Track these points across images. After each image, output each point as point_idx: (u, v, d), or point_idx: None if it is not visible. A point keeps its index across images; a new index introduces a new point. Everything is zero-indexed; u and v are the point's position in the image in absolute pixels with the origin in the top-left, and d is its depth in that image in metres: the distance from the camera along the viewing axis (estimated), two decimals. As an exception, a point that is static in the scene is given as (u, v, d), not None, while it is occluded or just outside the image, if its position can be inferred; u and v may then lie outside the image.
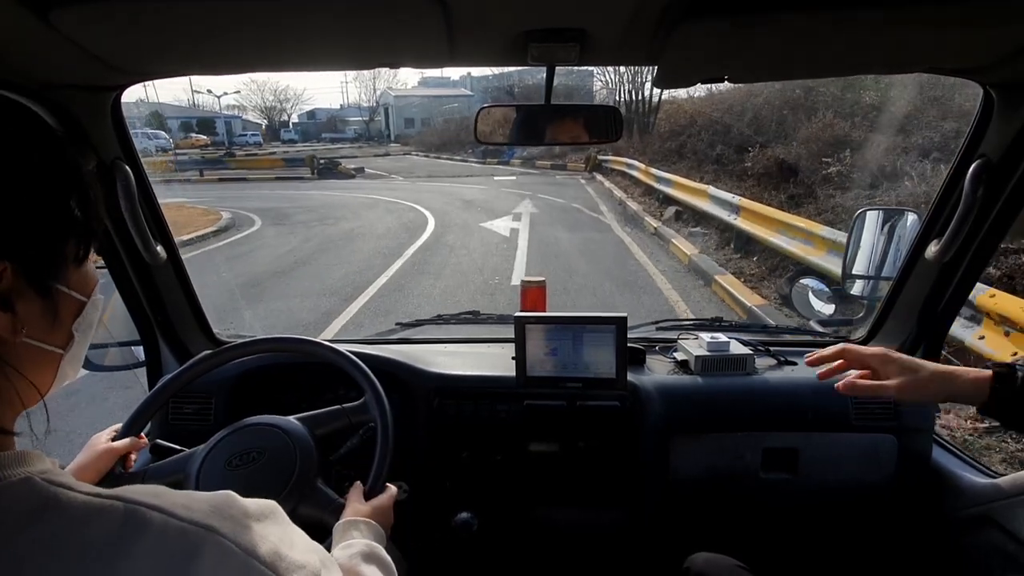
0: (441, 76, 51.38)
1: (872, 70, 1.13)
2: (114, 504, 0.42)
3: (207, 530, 0.43)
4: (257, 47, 0.84)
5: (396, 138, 44.19)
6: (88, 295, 0.52)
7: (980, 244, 1.18)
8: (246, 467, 0.91)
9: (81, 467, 0.92)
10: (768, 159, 9.14)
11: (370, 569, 0.71)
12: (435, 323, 1.68)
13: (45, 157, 0.47)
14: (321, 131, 53.80)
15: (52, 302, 0.48)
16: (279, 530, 0.49)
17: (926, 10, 0.69)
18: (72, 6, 0.64)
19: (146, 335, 1.39)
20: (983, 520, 1.16)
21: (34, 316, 0.46)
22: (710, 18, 0.69)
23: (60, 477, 0.43)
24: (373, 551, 0.75)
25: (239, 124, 51.19)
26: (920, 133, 7.45)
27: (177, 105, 50.19)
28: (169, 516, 0.42)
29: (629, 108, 19.43)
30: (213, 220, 10.87)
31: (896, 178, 6.76)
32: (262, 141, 44.36)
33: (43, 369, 0.50)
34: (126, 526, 0.41)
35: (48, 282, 0.47)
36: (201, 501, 0.46)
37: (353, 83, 56.20)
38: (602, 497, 1.37)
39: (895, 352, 0.91)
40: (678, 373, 1.41)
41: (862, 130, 8.32)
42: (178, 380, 1.07)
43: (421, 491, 1.30)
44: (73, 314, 0.51)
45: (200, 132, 44.19)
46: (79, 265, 0.50)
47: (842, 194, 7.25)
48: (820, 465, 1.32)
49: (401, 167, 24.73)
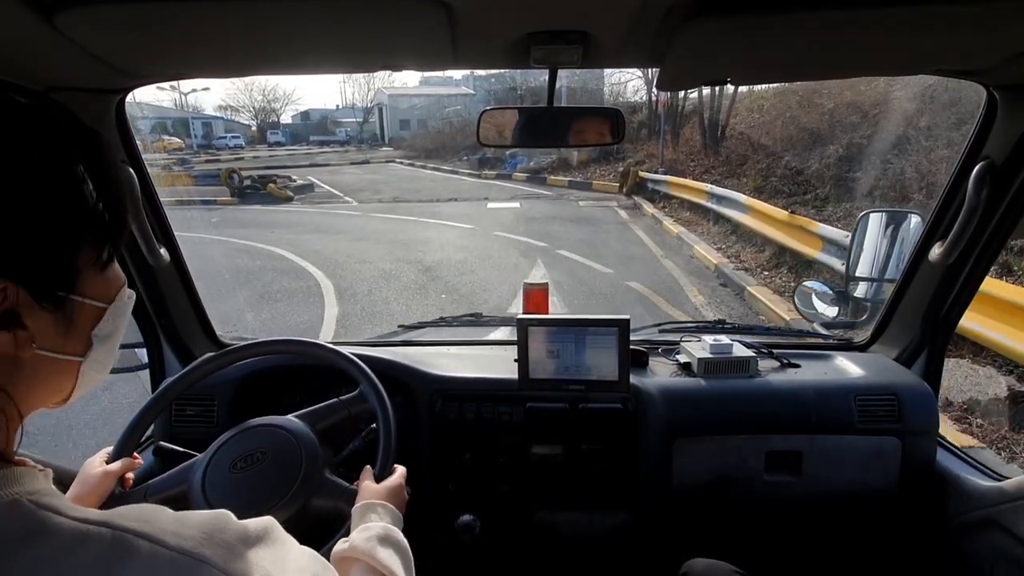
0: (443, 75, 47.12)
1: (876, 72, 1.17)
2: (101, 532, 0.40)
3: (197, 560, 0.41)
4: (262, 50, 0.84)
5: (390, 141, 40.85)
6: (110, 300, 0.49)
7: (984, 246, 1.18)
8: (252, 468, 0.91)
9: (79, 497, 0.87)
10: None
11: (387, 552, 0.73)
12: (437, 325, 1.68)
13: (47, 163, 0.43)
14: (311, 133, 50.53)
15: (66, 313, 0.45)
16: (271, 553, 0.46)
17: (931, 12, 0.68)
18: (77, 9, 0.65)
19: (149, 337, 1.41)
20: (988, 523, 1.16)
21: (46, 328, 0.44)
22: (713, 20, 0.68)
23: (50, 499, 0.41)
24: (390, 534, 0.77)
25: (220, 125, 47.99)
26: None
27: (156, 105, 47.03)
28: (158, 544, 0.41)
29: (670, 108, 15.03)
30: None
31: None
32: (244, 144, 41.40)
33: (61, 377, 0.48)
34: (112, 555, 0.39)
35: (59, 294, 0.44)
36: (192, 527, 0.43)
37: (349, 82, 53.37)
38: (605, 500, 1.37)
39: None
40: (681, 375, 1.41)
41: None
42: (181, 382, 1.08)
43: (423, 493, 1.30)
44: (92, 321, 0.48)
45: (176, 134, 40.68)
46: (100, 270, 0.48)
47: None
48: (824, 468, 1.31)
49: (370, 182, 18.41)
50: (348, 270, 7.06)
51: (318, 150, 38.05)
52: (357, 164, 25.91)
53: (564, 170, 17.19)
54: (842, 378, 1.36)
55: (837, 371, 1.40)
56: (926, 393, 1.31)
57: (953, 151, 6.34)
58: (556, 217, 10.81)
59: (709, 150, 12.59)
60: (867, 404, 1.29)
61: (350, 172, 22.13)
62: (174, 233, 1.33)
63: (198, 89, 45.10)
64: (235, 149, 37.52)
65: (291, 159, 28.54)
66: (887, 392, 1.30)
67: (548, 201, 13.23)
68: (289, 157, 30.45)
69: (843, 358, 1.45)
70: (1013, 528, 1.09)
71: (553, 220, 10.46)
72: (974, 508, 1.19)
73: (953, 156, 3.72)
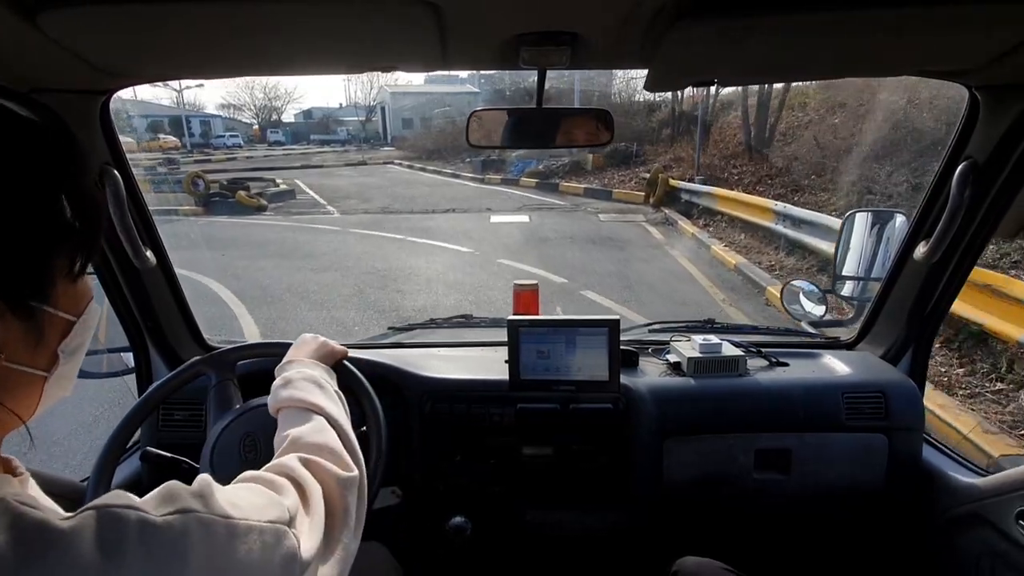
0: (447, 73, 45.80)
1: (860, 73, 1.14)
2: (87, 515, 0.41)
3: (184, 513, 0.44)
4: (247, 51, 0.84)
5: (392, 140, 39.60)
6: (79, 314, 0.48)
7: (967, 244, 1.19)
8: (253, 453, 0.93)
9: None
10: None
11: (305, 386, 0.81)
12: (427, 327, 1.66)
13: (25, 168, 0.43)
14: (313, 132, 49.50)
15: (36, 323, 0.44)
16: (221, 492, 0.49)
17: (914, 14, 0.69)
18: (60, 9, 0.64)
19: (135, 341, 1.39)
20: (974, 518, 1.17)
21: (15, 339, 0.43)
22: (700, 22, 0.69)
23: (29, 499, 0.42)
24: (302, 375, 0.83)
25: (220, 124, 47.17)
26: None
27: (154, 103, 46.24)
28: (143, 512, 0.43)
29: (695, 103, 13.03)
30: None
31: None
32: (242, 143, 40.16)
33: (26, 391, 0.46)
34: (108, 529, 0.41)
35: (30, 303, 0.43)
36: (154, 499, 0.45)
37: (353, 80, 52.10)
38: (596, 500, 1.37)
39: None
40: (671, 375, 1.41)
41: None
42: (168, 386, 1.07)
43: (414, 495, 1.33)
44: (60, 334, 0.47)
45: (173, 133, 39.60)
46: (72, 281, 0.47)
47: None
48: (812, 465, 1.32)
49: (361, 187, 16.27)
50: (294, 323, 5.15)
51: (317, 150, 37.02)
52: (352, 166, 24.43)
53: (577, 175, 15.19)
54: (830, 376, 1.38)
55: (825, 369, 1.42)
56: (912, 390, 1.33)
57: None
58: (574, 237, 8.86)
59: (755, 153, 10.60)
60: (854, 401, 1.31)
61: (343, 175, 20.42)
62: (160, 236, 1.31)
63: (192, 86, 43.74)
64: (232, 149, 36.36)
65: (286, 159, 27.33)
66: (874, 389, 1.32)
67: (562, 214, 11.27)
68: (285, 157, 29.22)
69: (831, 356, 1.46)
70: (998, 522, 1.10)
71: (571, 241, 8.54)
72: (960, 503, 1.21)
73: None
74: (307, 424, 0.72)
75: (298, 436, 0.69)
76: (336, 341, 1.00)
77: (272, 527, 0.49)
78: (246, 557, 0.46)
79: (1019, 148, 1.03)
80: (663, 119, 16.36)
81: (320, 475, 0.63)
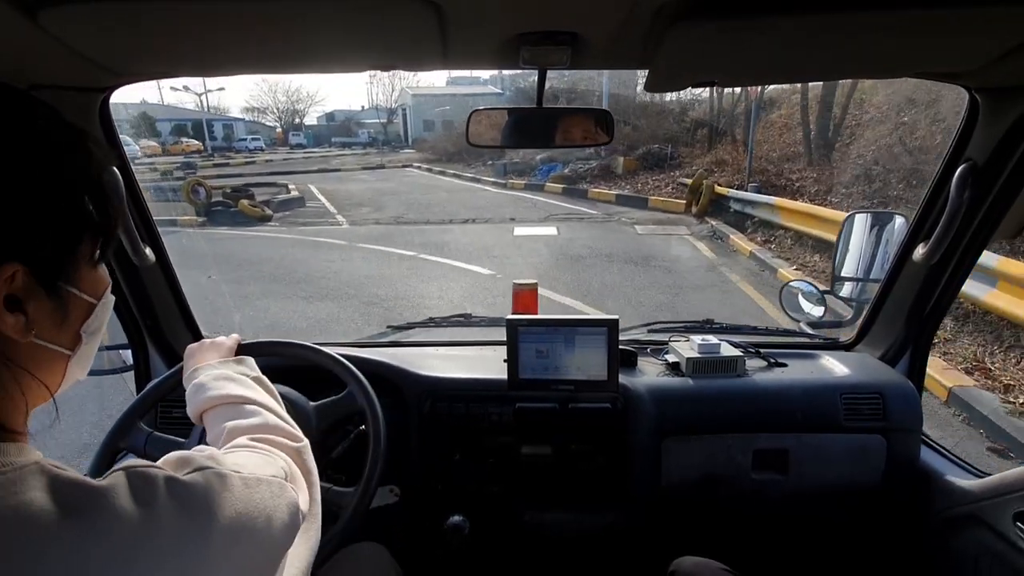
0: (470, 74, 46.13)
1: (860, 74, 1.14)
2: (118, 475, 0.43)
3: (202, 470, 0.48)
4: (246, 48, 0.83)
5: (413, 143, 38.87)
6: (99, 297, 0.52)
7: (966, 246, 1.19)
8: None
9: None
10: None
11: (222, 384, 0.81)
12: (426, 326, 1.66)
13: (58, 154, 0.46)
14: (334, 135, 49.28)
15: (62, 303, 0.48)
16: (225, 456, 0.54)
17: (914, 16, 0.68)
18: (61, 6, 0.64)
19: (134, 338, 1.39)
20: (971, 519, 1.17)
21: (44, 317, 0.46)
22: (701, 22, 0.69)
23: (59, 466, 0.44)
24: (217, 373, 0.84)
25: (242, 127, 47.48)
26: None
27: (177, 106, 46.99)
28: (168, 471, 0.46)
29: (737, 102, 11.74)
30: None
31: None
32: (264, 146, 39.98)
33: (52, 369, 0.50)
34: (139, 487, 0.43)
35: (59, 284, 0.47)
36: (174, 460, 0.49)
37: (374, 82, 51.34)
38: (594, 499, 1.37)
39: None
40: (669, 375, 1.40)
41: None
42: (166, 384, 1.08)
43: (412, 494, 1.33)
44: (82, 316, 0.50)
45: (196, 137, 40.19)
46: (93, 266, 0.50)
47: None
48: (810, 466, 1.32)
49: (376, 193, 15.10)
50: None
51: (338, 152, 36.64)
52: (370, 169, 23.45)
53: (607, 179, 14.00)
54: (828, 377, 1.38)
55: (823, 370, 1.42)
56: (910, 391, 1.33)
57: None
58: (609, 254, 7.59)
59: (816, 156, 9.30)
60: (853, 402, 1.31)
61: (359, 179, 19.30)
62: (159, 233, 1.31)
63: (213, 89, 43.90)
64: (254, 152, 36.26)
65: (305, 163, 26.75)
66: (872, 391, 1.32)
67: (593, 224, 10.06)
68: (304, 161, 28.45)
69: (829, 357, 1.46)
70: (994, 524, 1.10)
71: (606, 260, 7.28)
72: (957, 504, 1.21)
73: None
74: (237, 415, 0.75)
75: (234, 426, 0.72)
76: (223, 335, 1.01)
77: (276, 480, 0.55)
78: (262, 503, 0.50)
79: (1019, 150, 1.03)
80: (698, 118, 15.09)
81: (276, 448, 0.67)
